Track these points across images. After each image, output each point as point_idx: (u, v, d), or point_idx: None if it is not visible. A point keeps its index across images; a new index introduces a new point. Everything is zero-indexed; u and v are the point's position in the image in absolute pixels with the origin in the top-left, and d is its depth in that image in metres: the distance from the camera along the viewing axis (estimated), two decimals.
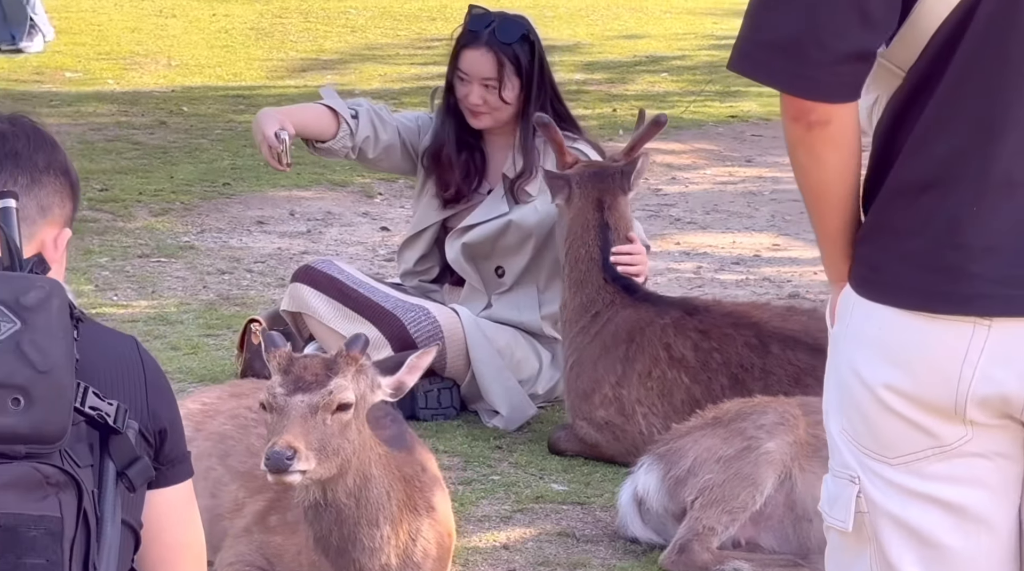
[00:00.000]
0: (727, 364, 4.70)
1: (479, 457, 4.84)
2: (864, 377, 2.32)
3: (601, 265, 4.84)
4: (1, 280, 2.13)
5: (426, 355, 3.61)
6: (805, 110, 2.27)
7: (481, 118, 5.20)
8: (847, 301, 2.37)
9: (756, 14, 2.29)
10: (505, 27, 5.18)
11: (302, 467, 3.35)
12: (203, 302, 6.27)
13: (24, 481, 2.09)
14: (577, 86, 11.38)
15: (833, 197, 2.33)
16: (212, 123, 9.71)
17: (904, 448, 2.31)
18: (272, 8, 14.29)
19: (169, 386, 2.38)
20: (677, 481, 4.17)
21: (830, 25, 2.21)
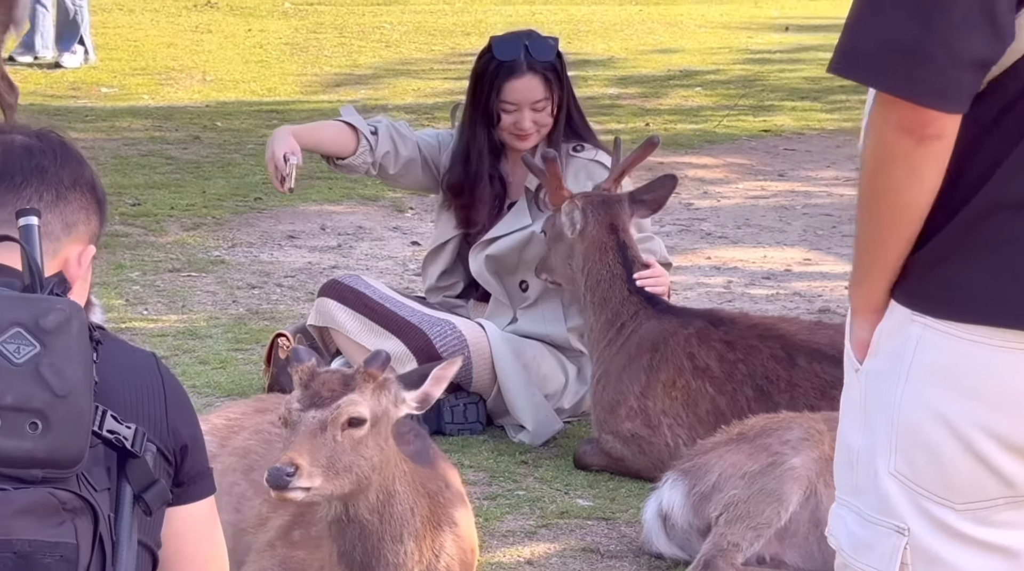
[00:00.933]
0: (752, 375, 4.68)
1: (505, 472, 4.83)
2: (948, 418, 2.16)
3: (625, 279, 4.84)
4: (21, 302, 2.11)
5: (451, 366, 3.57)
6: (924, 122, 2.09)
7: (529, 139, 5.19)
8: (903, 333, 2.20)
9: (869, 13, 2.11)
10: (539, 47, 5.15)
11: (304, 484, 3.30)
12: (232, 316, 6.28)
13: (40, 507, 2.08)
14: (611, 100, 11.38)
15: (915, 219, 2.16)
16: (245, 138, 9.74)
17: (974, 495, 2.18)
18: (307, 24, 14.35)
19: (189, 402, 2.37)
20: (702, 497, 4.15)
21: (960, 30, 2.06)
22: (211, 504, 2.38)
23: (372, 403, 3.44)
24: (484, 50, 5.24)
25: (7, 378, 2.06)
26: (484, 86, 5.15)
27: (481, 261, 5.25)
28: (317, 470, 3.33)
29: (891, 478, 2.22)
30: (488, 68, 5.16)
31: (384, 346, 5.12)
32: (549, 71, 5.14)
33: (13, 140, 2.34)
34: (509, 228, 5.23)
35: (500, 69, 5.13)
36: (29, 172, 2.31)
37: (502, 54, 5.15)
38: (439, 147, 5.33)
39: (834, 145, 9.94)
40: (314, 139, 5.24)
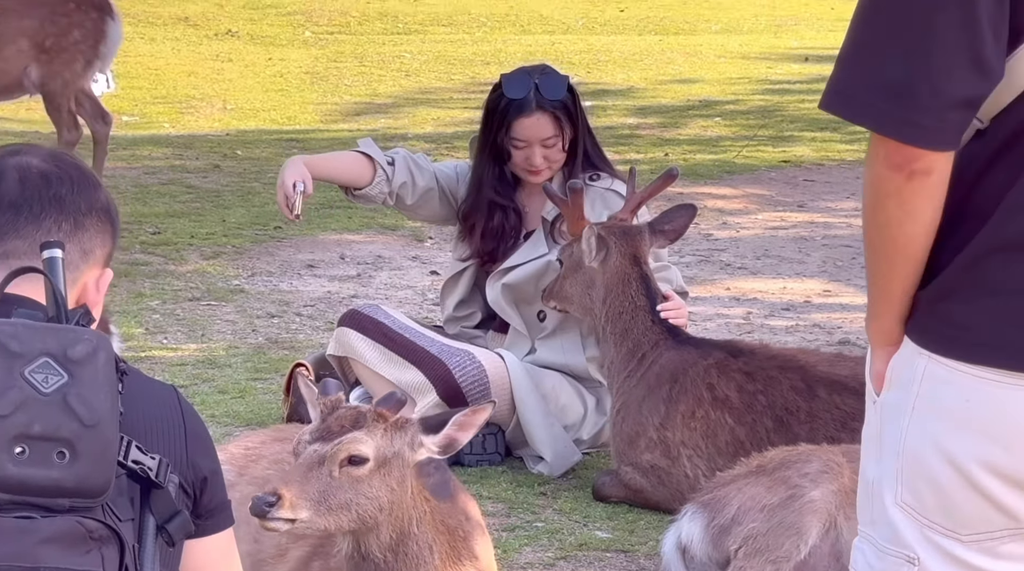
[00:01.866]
0: (772, 406, 4.67)
1: (523, 503, 4.82)
2: (949, 451, 2.19)
3: (648, 310, 4.83)
4: (49, 333, 2.12)
5: (480, 412, 3.49)
6: (911, 158, 2.14)
7: (542, 174, 5.21)
8: (911, 366, 2.24)
9: (860, 54, 2.16)
10: (549, 85, 5.17)
11: (285, 515, 3.27)
12: (252, 346, 6.29)
13: (68, 535, 2.09)
14: (630, 130, 11.40)
15: (913, 253, 2.20)
16: (265, 167, 9.76)
17: (980, 527, 2.21)
18: (327, 53, 14.40)
19: (209, 436, 2.37)
20: (721, 529, 4.14)
21: (945, 69, 2.11)
22: (230, 536, 2.39)
23: (380, 443, 3.40)
24: (495, 86, 5.26)
25: (35, 407, 2.07)
26: (494, 122, 5.18)
27: (498, 290, 5.26)
28: (304, 503, 3.30)
29: (898, 509, 2.25)
30: (498, 105, 5.18)
31: (404, 376, 5.13)
32: (559, 109, 5.15)
33: (29, 165, 2.33)
34: (525, 257, 5.24)
35: (510, 107, 5.15)
36: (48, 202, 2.32)
37: (512, 92, 5.16)
38: (457, 178, 5.34)
39: (853, 176, 9.93)
40: (328, 169, 5.26)
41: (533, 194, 5.30)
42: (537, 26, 16.47)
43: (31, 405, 2.07)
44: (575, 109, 5.21)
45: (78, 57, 8.11)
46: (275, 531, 3.37)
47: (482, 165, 5.25)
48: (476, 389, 5.08)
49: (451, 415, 3.47)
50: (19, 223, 2.29)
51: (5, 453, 2.05)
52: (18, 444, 2.05)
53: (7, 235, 2.29)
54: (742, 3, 18.08)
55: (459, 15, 16.73)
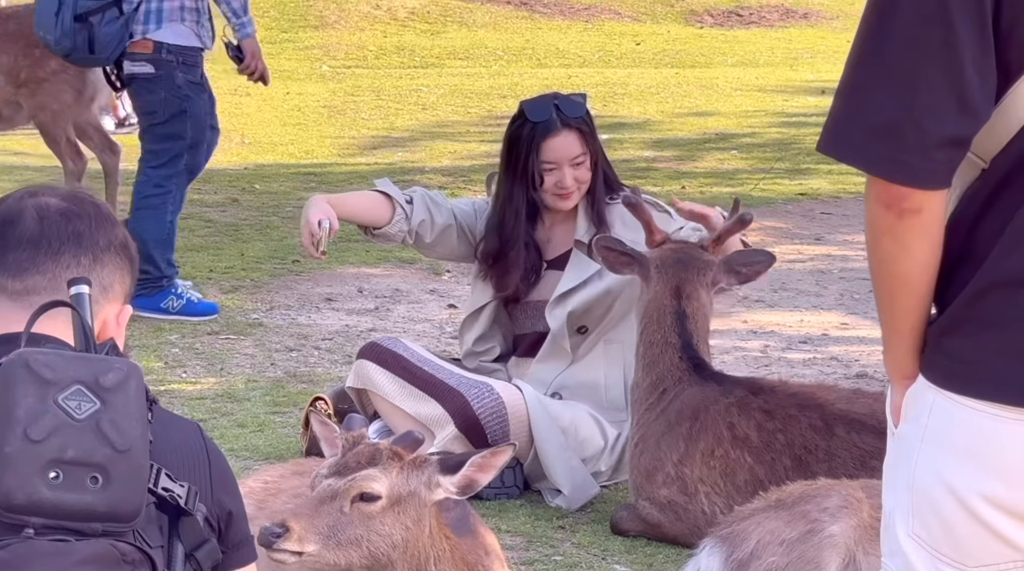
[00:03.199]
0: (791, 445, 4.67)
1: (542, 537, 4.82)
2: (954, 485, 2.23)
3: (678, 348, 4.81)
4: (81, 361, 2.16)
5: (500, 454, 3.49)
6: (900, 197, 2.20)
7: (571, 198, 5.24)
8: (922, 399, 2.28)
9: (851, 96, 2.23)
10: (569, 106, 5.25)
11: (292, 547, 3.30)
12: (270, 379, 6.31)
13: (103, 558, 2.12)
14: (646, 163, 11.42)
15: (914, 289, 2.25)
16: (284, 201, 9.80)
17: (986, 559, 2.24)
18: (345, 87, 14.45)
19: (231, 472, 2.40)
20: (740, 564, 4.13)
21: (929, 109, 2.16)
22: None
23: (395, 481, 3.41)
24: (515, 116, 5.30)
25: (69, 433, 2.10)
26: (521, 150, 5.20)
27: (562, 319, 5.24)
28: (313, 536, 3.32)
29: (911, 540, 2.29)
30: (523, 132, 5.21)
31: (422, 409, 5.15)
32: (583, 126, 5.21)
33: (48, 204, 2.36)
34: (578, 278, 5.25)
35: (536, 130, 5.18)
36: (66, 238, 2.35)
37: (535, 116, 5.21)
38: (475, 215, 5.37)
39: None
40: (349, 207, 5.28)
41: (555, 223, 5.32)
42: (553, 59, 16.51)
43: (65, 431, 2.10)
44: (595, 132, 5.26)
45: (64, 87, 8.11)
46: (282, 562, 3.39)
47: (507, 198, 5.26)
48: (494, 421, 5.09)
49: (469, 456, 3.48)
50: (39, 259, 2.33)
51: (40, 478, 2.09)
52: (52, 469, 2.09)
53: (27, 272, 2.32)
54: (757, 36, 18.11)
55: (476, 48, 16.78)
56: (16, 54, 8.09)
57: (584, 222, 5.27)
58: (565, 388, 5.29)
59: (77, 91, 8.23)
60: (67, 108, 8.19)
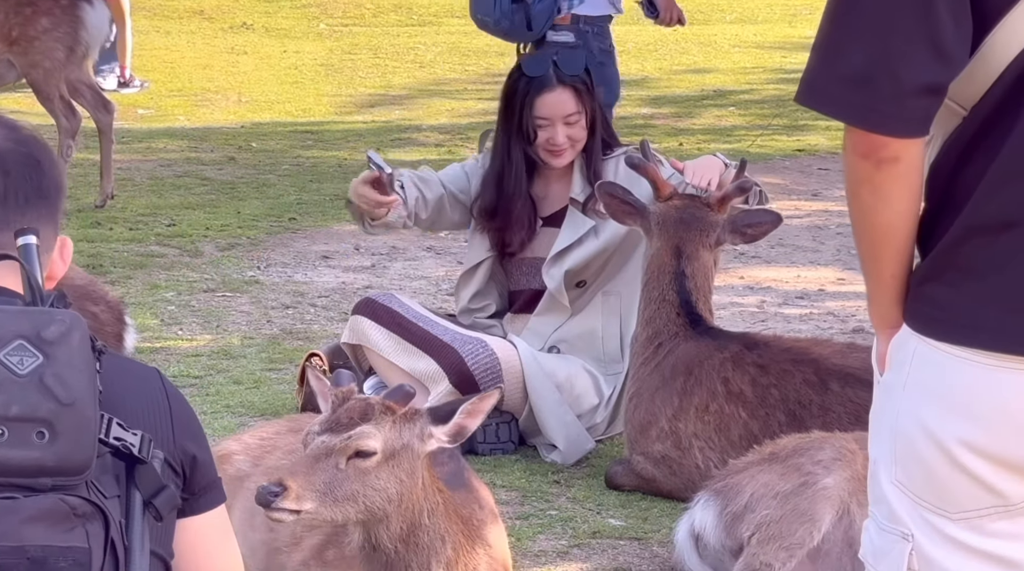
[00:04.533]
0: (785, 400, 4.68)
1: (537, 492, 4.83)
2: (933, 430, 2.23)
3: (676, 305, 4.81)
4: (23, 316, 2.13)
5: (488, 398, 3.52)
6: (876, 146, 2.20)
7: (564, 155, 5.22)
8: (905, 347, 2.29)
9: (826, 47, 2.23)
10: (568, 60, 5.23)
11: (290, 506, 3.29)
12: (266, 336, 6.31)
13: (51, 513, 2.10)
14: (644, 120, 11.39)
15: (895, 239, 2.26)
16: (280, 158, 9.79)
17: (967, 504, 2.24)
18: (342, 44, 14.41)
19: (194, 415, 2.37)
20: (734, 517, 4.15)
21: (902, 57, 2.16)
22: (223, 514, 2.38)
23: (389, 435, 3.42)
24: (513, 70, 5.30)
25: (11, 389, 2.08)
26: (516, 104, 5.19)
27: (559, 278, 5.25)
28: (310, 494, 3.32)
29: (893, 487, 2.30)
30: (519, 86, 5.20)
31: (417, 365, 5.15)
32: (579, 84, 5.19)
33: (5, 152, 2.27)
34: (573, 236, 5.24)
35: (531, 85, 5.18)
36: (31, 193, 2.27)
37: (532, 70, 5.20)
38: (467, 177, 5.34)
39: None
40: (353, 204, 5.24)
41: (551, 180, 5.31)
42: None
43: (7, 387, 2.08)
44: (592, 86, 5.24)
45: (56, 45, 8.08)
46: (280, 521, 3.39)
47: (504, 153, 5.25)
48: (488, 377, 5.09)
49: (459, 404, 3.49)
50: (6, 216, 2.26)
51: None
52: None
53: None
54: None
55: None
56: (7, 11, 8.06)
57: (580, 180, 5.26)
58: (563, 341, 5.29)
59: (69, 49, 8.20)
60: (59, 66, 8.17)
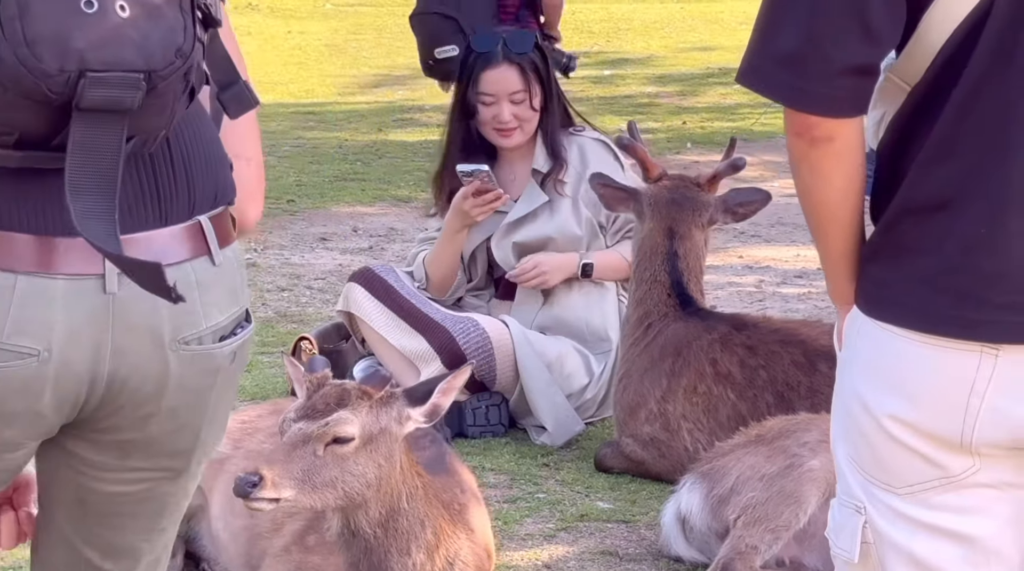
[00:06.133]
0: (773, 381, 4.64)
1: (526, 475, 4.80)
2: (868, 405, 2.25)
3: (667, 285, 4.79)
4: None
5: (460, 375, 3.52)
6: (808, 125, 2.21)
7: (512, 136, 5.21)
8: (853, 324, 2.31)
9: (761, 27, 2.24)
10: (516, 40, 5.24)
11: (268, 495, 3.27)
12: (260, 319, 6.28)
13: None
14: (648, 98, 11.35)
15: (837, 217, 2.27)
16: (281, 139, 9.76)
17: (911, 478, 2.25)
18: (347, 24, 14.38)
19: None
20: (720, 499, 4.12)
21: (831, 37, 2.16)
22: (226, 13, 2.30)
23: (366, 420, 3.40)
24: (466, 46, 5.32)
25: None
26: (463, 79, 5.20)
27: (508, 249, 5.24)
28: (288, 482, 3.30)
29: (847, 463, 2.32)
30: (467, 62, 5.21)
31: (408, 343, 5.12)
32: (526, 63, 5.17)
33: None
34: (528, 208, 5.23)
35: (477, 60, 5.18)
36: None
37: (480, 46, 5.21)
38: None
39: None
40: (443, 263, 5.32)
41: (515, 162, 5.28)
42: None
43: None
44: (545, 69, 5.21)
45: None
46: (259, 511, 3.37)
47: (451, 126, 5.28)
48: (480, 357, 5.07)
49: (435, 383, 3.47)
50: None
51: None
52: None
53: None
54: None
55: None
56: None
57: (542, 153, 5.25)
58: (546, 328, 5.27)
59: None
60: None
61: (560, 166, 5.20)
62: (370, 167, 9.08)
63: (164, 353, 2.18)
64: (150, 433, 2.24)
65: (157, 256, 2.11)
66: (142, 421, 2.22)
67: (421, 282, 5.30)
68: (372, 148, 9.61)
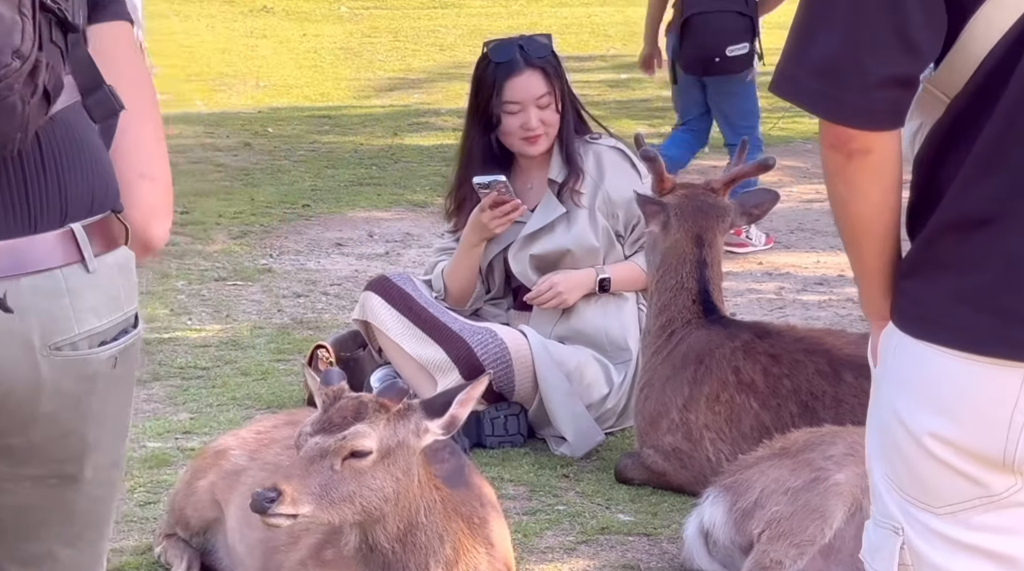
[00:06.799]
0: (797, 391, 4.57)
1: (545, 486, 4.73)
2: (907, 424, 2.20)
3: (694, 292, 4.73)
4: None
5: (477, 386, 3.46)
6: (845, 138, 2.16)
7: (539, 142, 5.15)
8: (889, 340, 2.25)
9: (799, 36, 2.19)
10: (534, 46, 5.17)
11: (287, 510, 3.21)
12: (276, 326, 6.23)
13: None
14: (664, 102, 11.26)
15: (873, 231, 2.22)
16: (296, 144, 9.71)
17: (950, 497, 2.20)
18: (362, 28, 14.33)
19: None
20: (744, 513, 4.04)
21: (870, 48, 2.11)
22: (131, 31, 2.37)
23: (384, 434, 3.34)
24: (480, 59, 5.21)
25: None
26: (484, 91, 5.12)
27: (525, 262, 5.18)
28: (306, 497, 3.24)
29: (883, 481, 2.27)
30: (487, 72, 5.12)
31: (425, 353, 5.06)
32: (548, 65, 5.13)
33: None
34: (545, 220, 5.17)
35: (499, 71, 5.10)
36: None
37: (498, 56, 5.13)
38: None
39: None
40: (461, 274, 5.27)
41: (531, 171, 5.21)
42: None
43: None
44: (563, 74, 5.17)
45: None
46: (277, 527, 3.31)
47: (468, 141, 5.19)
48: (499, 368, 5.00)
49: (452, 394, 3.41)
50: None
51: None
52: None
53: None
54: None
55: None
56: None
57: (558, 162, 5.19)
58: (565, 339, 5.20)
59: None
60: None
61: (576, 175, 5.14)
62: (386, 171, 9.02)
63: (35, 358, 2.18)
64: (33, 439, 2.23)
65: (23, 263, 2.14)
66: (22, 426, 2.21)
67: (439, 293, 5.23)
68: (387, 152, 9.55)
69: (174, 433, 5.06)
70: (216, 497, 4.10)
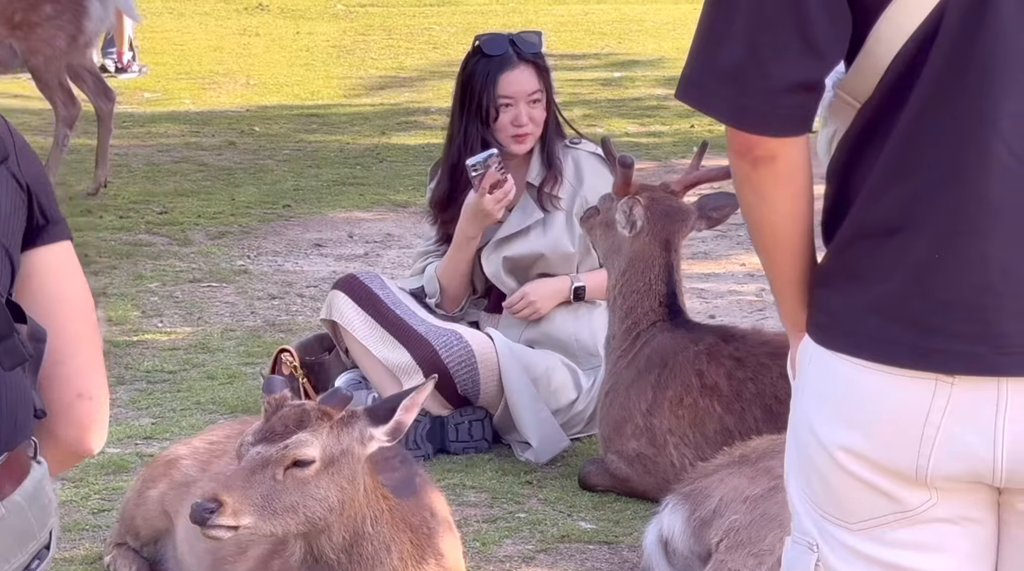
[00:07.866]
0: (761, 395, 4.50)
1: (507, 493, 4.66)
2: (821, 437, 2.13)
3: (662, 294, 4.67)
4: None
5: (422, 391, 3.40)
6: (749, 145, 2.09)
7: (527, 140, 5.09)
8: (805, 351, 2.19)
9: (701, 40, 2.13)
10: (526, 41, 5.11)
11: (227, 522, 3.16)
12: (248, 329, 6.16)
13: None
14: (657, 101, 11.19)
15: (783, 240, 2.15)
16: (281, 143, 9.64)
17: (864, 513, 2.13)
18: (356, 26, 14.25)
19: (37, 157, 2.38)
20: (702, 522, 3.97)
21: (773, 52, 2.04)
22: (71, 249, 2.39)
23: (327, 442, 3.28)
24: (471, 52, 5.14)
25: None
26: (476, 86, 5.03)
27: (498, 263, 5.11)
28: (247, 508, 3.18)
29: (799, 496, 2.21)
30: (479, 67, 5.04)
31: (390, 355, 4.99)
32: (538, 64, 5.07)
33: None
34: (520, 225, 5.10)
35: (491, 65, 5.02)
36: None
37: (492, 50, 5.05)
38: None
39: None
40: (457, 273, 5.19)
41: (513, 170, 5.14)
42: None
43: None
44: (547, 67, 5.13)
45: (58, 33, 7.98)
46: (217, 539, 3.25)
47: (461, 139, 5.09)
48: (463, 371, 4.93)
49: (398, 400, 3.35)
50: None
51: None
52: None
53: None
54: None
55: None
56: None
57: (537, 164, 5.12)
58: (535, 343, 5.13)
59: (71, 37, 8.09)
60: (60, 54, 8.06)
61: (554, 177, 5.07)
62: (370, 171, 8.95)
63: None
64: None
65: None
66: None
67: (435, 296, 5.14)
68: (373, 152, 9.48)
69: (134, 439, 5.00)
70: (166, 508, 4.03)
